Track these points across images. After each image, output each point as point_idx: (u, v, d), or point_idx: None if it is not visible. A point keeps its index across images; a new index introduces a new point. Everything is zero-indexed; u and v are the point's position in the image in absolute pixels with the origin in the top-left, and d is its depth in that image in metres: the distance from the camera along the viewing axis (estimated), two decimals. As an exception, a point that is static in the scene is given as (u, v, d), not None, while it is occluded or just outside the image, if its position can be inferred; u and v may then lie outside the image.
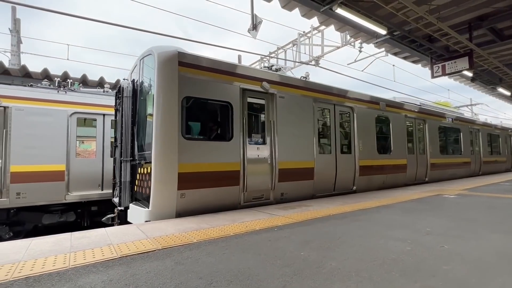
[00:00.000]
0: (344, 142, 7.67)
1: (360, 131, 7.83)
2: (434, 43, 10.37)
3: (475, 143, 13.99)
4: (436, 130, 11.02)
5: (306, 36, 12.46)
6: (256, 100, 5.91)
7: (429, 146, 10.45)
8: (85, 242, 3.21)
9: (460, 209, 5.14)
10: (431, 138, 10.67)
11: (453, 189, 8.18)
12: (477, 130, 14.32)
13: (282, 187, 5.97)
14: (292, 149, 6.24)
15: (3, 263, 2.56)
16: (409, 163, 9.38)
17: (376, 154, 8.22)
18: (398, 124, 9.16)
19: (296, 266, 2.46)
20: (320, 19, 8.83)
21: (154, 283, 2.17)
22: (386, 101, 8.94)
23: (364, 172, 7.77)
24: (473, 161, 13.60)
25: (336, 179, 7.15)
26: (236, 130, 5.38)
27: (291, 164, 6.17)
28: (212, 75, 5.22)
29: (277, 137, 5.96)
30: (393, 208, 5.24)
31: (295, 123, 6.39)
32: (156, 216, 4.46)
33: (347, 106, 7.66)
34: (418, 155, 9.95)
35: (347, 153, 7.56)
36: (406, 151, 9.32)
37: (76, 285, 2.15)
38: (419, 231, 3.61)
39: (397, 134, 9.08)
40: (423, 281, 2.15)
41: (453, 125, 12.39)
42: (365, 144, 7.88)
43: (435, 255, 2.71)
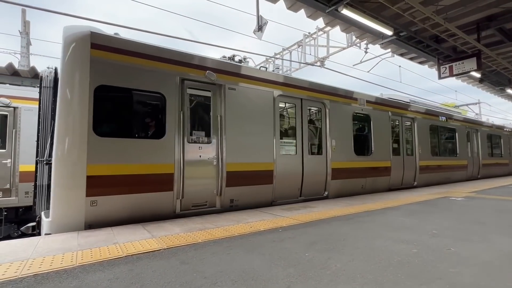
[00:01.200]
0: (314, 141, 6.86)
1: (334, 129, 6.99)
2: (441, 43, 10.26)
3: (473, 144, 12.97)
4: (426, 130, 10.10)
5: (311, 37, 12.44)
6: (199, 92, 5.12)
7: (419, 147, 9.54)
8: (92, 240, 3.26)
9: (468, 211, 5.07)
10: (421, 138, 9.74)
11: (460, 191, 8.07)
12: (475, 130, 13.33)
13: (231, 192, 5.19)
14: (245, 149, 5.44)
15: (12, 261, 2.61)
16: (394, 165, 8.51)
17: (353, 155, 7.39)
18: (380, 122, 8.30)
19: (300, 267, 2.46)
20: (325, 20, 8.80)
21: (159, 282, 2.19)
22: (367, 97, 8.07)
23: (338, 176, 6.95)
24: (471, 163, 12.59)
25: (302, 184, 6.32)
26: (171, 126, 4.62)
27: (243, 166, 5.40)
28: (139, 60, 4.45)
29: (226, 135, 5.20)
30: (399, 210, 5.19)
31: (250, 119, 5.58)
32: (59, 227, 3.75)
33: (317, 101, 6.82)
34: (405, 156, 9.06)
35: (317, 154, 6.76)
36: (390, 152, 8.44)
37: (83, 283, 2.18)
38: (426, 233, 3.57)
39: (380, 133, 8.22)
40: (429, 284, 2.13)
41: (447, 125, 11.38)
42: (339, 144, 7.06)
43: (441, 258, 2.68)
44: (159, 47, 4.70)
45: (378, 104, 8.42)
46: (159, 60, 4.65)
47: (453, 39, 9.48)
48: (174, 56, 4.81)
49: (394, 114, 8.92)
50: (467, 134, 12.56)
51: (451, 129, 11.70)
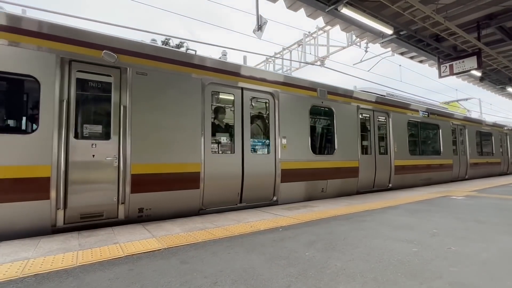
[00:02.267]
0: (259, 138, 5.95)
1: (285, 124, 6.07)
2: (441, 42, 10.24)
3: (459, 142, 11.92)
4: (404, 126, 9.06)
5: (311, 37, 12.43)
6: (95, 76, 4.22)
7: (394, 144, 8.53)
8: (93, 241, 3.26)
9: (468, 210, 5.07)
10: (397, 135, 8.72)
11: (461, 191, 8.06)
12: (463, 127, 12.24)
13: (140, 199, 4.29)
14: (160, 148, 4.53)
15: (13, 260, 2.62)
16: (363, 165, 7.61)
17: (310, 154, 6.48)
18: (346, 116, 7.35)
19: (300, 266, 2.46)
20: (325, 19, 8.78)
21: (159, 281, 2.19)
22: (329, 88, 7.10)
23: (290, 178, 6.01)
24: (457, 163, 11.54)
25: (243, 187, 5.37)
26: (46, 118, 3.72)
27: (156, 167, 4.46)
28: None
29: (132, 130, 4.29)
30: (399, 209, 5.19)
31: (168, 111, 4.66)
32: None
33: (263, 91, 5.86)
34: (377, 155, 8.17)
35: (262, 152, 5.83)
36: (358, 151, 7.54)
37: (84, 282, 2.18)
38: (426, 233, 3.57)
39: (345, 130, 7.29)
40: (429, 283, 2.13)
41: (429, 120, 10.30)
42: (292, 142, 6.14)
43: (441, 257, 2.68)
44: (30, 19, 3.80)
45: (343, 96, 7.41)
46: (30, 35, 3.72)
47: (453, 37, 9.47)
48: (54, 30, 3.90)
49: (364, 108, 7.97)
50: (452, 131, 11.50)
51: (433, 126, 10.67)
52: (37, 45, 3.77)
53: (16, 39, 3.65)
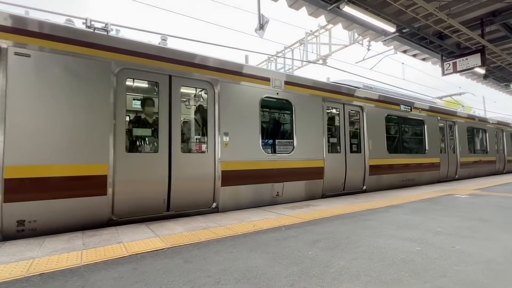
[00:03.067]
0: (192, 135, 5.32)
1: (227, 119, 5.23)
2: (444, 40, 10.18)
3: (448, 139, 10.85)
4: (381, 121, 8.15)
5: (313, 35, 12.40)
6: None
7: (369, 142, 7.62)
8: (97, 240, 3.29)
9: (473, 209, 5.04)
10: (373, 131, 7.82)
11: (465, 189, 8.01)
12: (452, 122, 11.17)
13: (20, 210, 3.51)
14: (49, 143, 3.71)
15: (19, 260, 2.65)
16: (330, 165, 6.71)
17: (262, 154, 5.59)
18: (308, 110, 6.47)
19: (303, 265, 2.46)
20: (327, 18, 8.76)
21: (163, 280, 2.20)
22: (286, 77, 6.23)
23: (234, 181, 5.18)
24: (445, 162, 10.49)
25: (170, 193, 4.56)
26: None
27: (41, 170, 3.64)
28: None
29: (8, 120, 3.49)
30: (403, 208, 5.17)
31: (63, 100, 3.84)
32: None
33: (198, 80, 5.03)
34: (348, 154, 7.26)
35: (197, 151, 5.08)
36: (324, 149, 6.64)
37: (88, 281, 2.20)
38: (430, 231, 3.55)
39: (307, 125, 6.42)
40: (433, 282, 2.12)
41: (412, 115, 9.32)
42: (237, 139, 5.30)
43: (445, 256, 2.67)
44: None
45: (305, 86, 6.50)
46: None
47: (456, 35, 9.41)
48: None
49: (332, 100, 7.04)
50: (440, 127, 10.47)
51: (417, 121, 9.65)
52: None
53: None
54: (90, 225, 3.94)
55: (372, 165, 7.69)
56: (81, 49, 4.04)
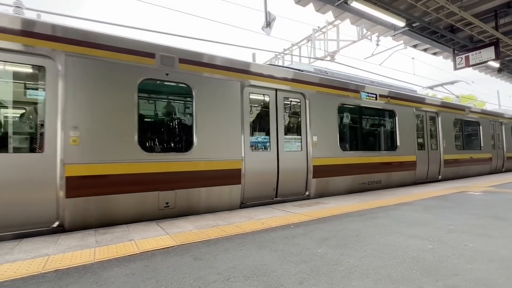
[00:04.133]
0: (22, 128, 3.97)
1: (79, 108, 3.97)
2: (456, 33, 9.91)
3: (428, 133, 9.29)
4: (332, 112, 6.72)
5: (321, 32, 12.27)
6: None
7: (312, 137, 6.20)
8: (109, 238, 3.36)
9: (486, 206, 4.92)
10: (320, 124, 6.43)
11: (478, 186, 7.82)
12: (434, 114, 9.58)
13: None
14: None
15: (35, 257, 2.73)
16: (250, 166, 5.33)
17: (140, 153, 4.34)
18: (219, 97, 5.12)
19: (313, 263, 2.46)
20: (334, 14, 8.65)
21: (174, 277, 2.24)
22: (181, 53, 4.82)
23: (89, 190, 3.95)
24: (423, 160, 8.88)
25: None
26: None
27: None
28: None
29: None
30: (414, 205, 5.09)
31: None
32: None
33: (27, 53, 3.73)
34: (283, 152, 5.82)
35: (24, 150, 3.82)
36: (242, 147, 5.27)
37: (101, 278, 2.25)
38: (441, 229, 3.49)
39: (215, 117, 5.07)
40: (445, 280, 2.08)
41: (377, 105, 7.79)
42: (98, 135, 4.07)
43: (458, 254, 2.62)
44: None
45: (212, 67, 5.12)
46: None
47: (469, 28, 9.15)
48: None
49: (258, 85, 5.65)
50: (416, 118, 8.95)
51: (386, 112, 8.20)
52: None
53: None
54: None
55: (317, 166, 6.26)
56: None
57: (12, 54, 3.67)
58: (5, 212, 3.51)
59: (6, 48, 3.62)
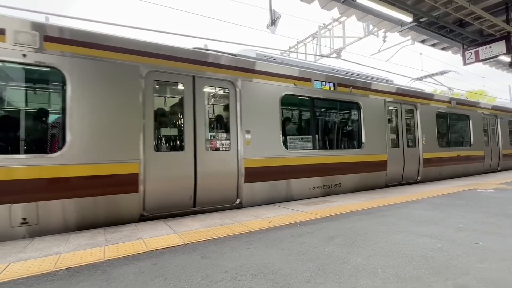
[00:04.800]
0: None
1: None
2: (465, 27, 9.72)
3: (403, 129, 8.08)
4: (273, 104, 5.66)
5: (326, 29, 12.17)
6: None
7: (244, 134, 5.18)
8: (118, 236, 3.41)
9: (498, 204, 4.82)
10: (255, 118, 5.40)
11: (489, 183, 7.67)
12: (412, 106, 8.39)
13: None
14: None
15: (47, 255, 2.79)
16: (152, 170, 4.37)
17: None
18: (108, 86, 4.17)
19: (320, 262, 2.46)
20: (340, 10, 8.57)
21: (181, 275, 2.26)
22: (51, 29, 3.90)
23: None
24: (396, 159, 7.71)
25: None
26: None
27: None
28: None
29: None
30: (422, 203, 5.02)
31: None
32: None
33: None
34: (203, 152, 4.85)
35: None
36: (140, 147, 4.31)
37: (111, 276, 2.29)
38: (451, 227, 3.44)
39: (106, 111, 4.13)
40: (455, 279, 2.06)
41: (336, 96, 6.71)
42: None
43: (468, 253, 2.58)
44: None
45: (93, 46, 4.12)
46: None
47: (478, 22, 8.96)
48: None
49: (163, 71, 4.63)
50: (390, 112, 7.95)
51: (348, 105, 7.14)
52: None
53: None
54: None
55: (250, 168, 5.21)
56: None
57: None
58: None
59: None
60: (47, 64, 3.84)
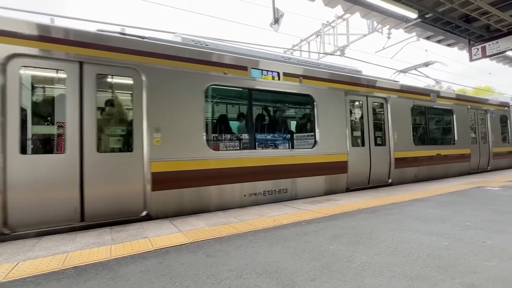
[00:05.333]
0: None
1: None
2: (472, 23, 9.55)
3: (368, 125, 7.11)
4: (196, 96, 4.82)
5: (330, 26, 12.09)
6: None
7: (150, 133, 4.33)
8: (124, 235, 3.44)
9: (506, 202, 4.76)
10: (162, 112, 4.49)
11: (496, 181, 7.57)
12: (382, 99, 7.43)
13: None
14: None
15: (55, 254, 2.83)
16: (15, 177, 3.49)
17: None
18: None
19: (325, 260, 2.45)
20: (344, 7, 8.49)
21: (187, 274, 2.28)
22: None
23: None
24: (360, 160, 6.75)
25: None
26: None
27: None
28: None
29: None
30: (429, 202, 4.98)
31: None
32: None
33: None
34: (92, 156, 3.97)
35: None
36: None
37: (118, 274, 2.32)
38: (458, 225, 3.40)
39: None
40: (462, 278, 2.04)
41: (281, 88, 5.77)
42: None
43: (475, 251, 2.55)
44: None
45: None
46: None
47: (485, 17, 8.79)
48: None
49: (33, 55, 3.68)
50: (353, 106, 7.10)
51: (297, 98, 6.42)
52: None
53: None
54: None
55: (161, 173, 4.37)
56: None
57: None
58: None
59: None
60: None
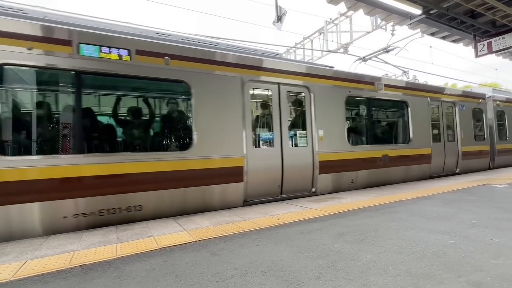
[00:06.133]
0: None
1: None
2: (477, 18, 9.42)
3: (280, 120, 5.61)
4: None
5: (333, 23, 12.02)
6: None
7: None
8: (129, 234, 3.47)
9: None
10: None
11: (503, 178, 7.48)
12: (302, 88, 5.99)
13: None
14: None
15: (61, 252, 2.87)
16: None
17: None
18: None
19: (329, 259, 2.45)
20: (347, 4, 8.42)
21: (192, 272, 2.29)
22: None
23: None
24: (266, 166, 5.37)
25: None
26: None
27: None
28: None
29: None
30: (434, 199, 4.94)
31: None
32: None
33: None
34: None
35: None
36: None
37: (123, 273, 2.34)
38: (463, 223, 3.37)
39: None
40: (468, 276, 2.02)
41: (135, 71, 4.24)
42: None
43: (482, 249, 2.53)
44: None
45: None
46: None
47: (491, 12, 8.67)
48: None
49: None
50: (256, 97, 5.99)
51: (158, 84, 4.97)
52: None
53: None
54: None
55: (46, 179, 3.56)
56: None
57: None
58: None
59: None
60: None
